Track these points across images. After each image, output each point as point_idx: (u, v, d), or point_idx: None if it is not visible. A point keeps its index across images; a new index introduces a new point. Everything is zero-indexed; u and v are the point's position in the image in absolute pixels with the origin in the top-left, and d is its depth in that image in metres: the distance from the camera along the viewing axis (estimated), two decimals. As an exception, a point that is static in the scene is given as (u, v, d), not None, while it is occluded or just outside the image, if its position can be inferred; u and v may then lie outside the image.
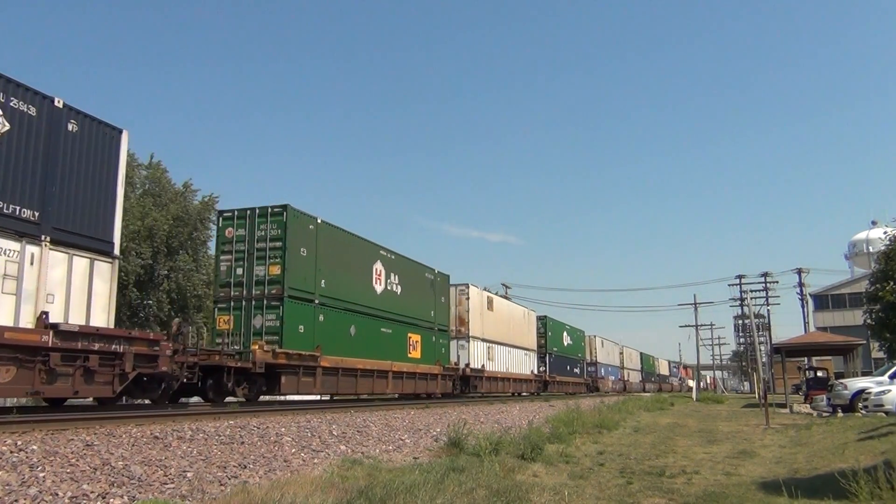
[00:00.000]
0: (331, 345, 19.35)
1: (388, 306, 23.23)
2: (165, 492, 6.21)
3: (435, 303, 27.63)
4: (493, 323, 33.49)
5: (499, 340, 34.18)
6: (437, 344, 27.35)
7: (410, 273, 25.43)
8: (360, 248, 22.07)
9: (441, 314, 28.21)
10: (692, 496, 7.73)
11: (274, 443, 9.56)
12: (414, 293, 25.54)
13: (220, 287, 18.56)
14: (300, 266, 18.45)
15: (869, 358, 48.80)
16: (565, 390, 46.57)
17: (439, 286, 28.42)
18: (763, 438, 15.15)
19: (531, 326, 41.40)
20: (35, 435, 8.24)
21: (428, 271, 27.38)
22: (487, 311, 33.03)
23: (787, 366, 35.22)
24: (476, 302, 31.57)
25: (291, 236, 18.12)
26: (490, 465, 8.67)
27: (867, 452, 10.33)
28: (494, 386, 33.16)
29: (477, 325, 31.22)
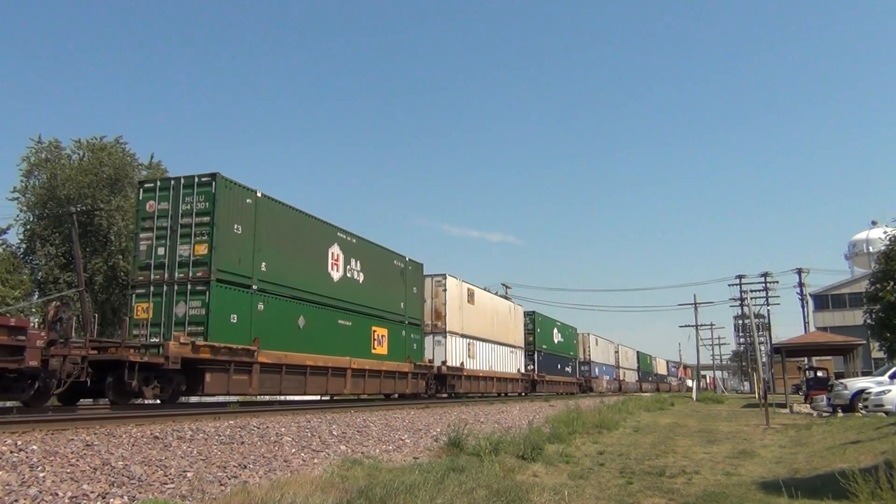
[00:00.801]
0: (273, 338, 17.04)
1: (347, 295, 20.75)
2: (165, 492, 6.21)
3: (406, 294, 25.05)
4: (474, 317, 31.17)
5: (481, 336, 31.91)
6: (408, 339, 24.92)
7: (375, 259, 22.98)
8: (313, 228, 19.49)
9: (413, 306, 25.68)
10: (692, 496, 7.73)
11: (274, 443, 9.56)
12: (380, 282, 23.03)
13: (138, 270, 16.18)
14: (233, 246, 16.06)
15: (869, 358, 48.82)
16: (555, 390, 44.51)
17: (411, 275, 25.80)
18: (763, 438, 15.15)
19: (518, 322, 38.94)
20: (35, 435, 8.24)
21: (397, 258, 24.83)
22: (468, 305, 30.56)
23: (787, 366, 35.22)
24: (454, 294, 29.14)
25: (222, 210, 15.78)
26: (490, 465, 8.67)
27: (867, 452, 10.33)
28: (475, 386, 30.96)
29: (455, 320, 28.82)
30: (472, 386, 30.62)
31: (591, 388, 53.36)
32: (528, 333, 40.85)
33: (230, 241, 16.03)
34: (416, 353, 25.46)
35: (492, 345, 33.45)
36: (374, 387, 22.24)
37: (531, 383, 39.94)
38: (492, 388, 33.20)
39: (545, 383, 42.13)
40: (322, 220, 19.99)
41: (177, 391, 15.39)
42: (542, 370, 41.82)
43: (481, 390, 31.92)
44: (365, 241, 22.54)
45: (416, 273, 26.57)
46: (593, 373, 55.46)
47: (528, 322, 41.41)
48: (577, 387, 50.52)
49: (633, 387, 70.90)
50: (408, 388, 24.56)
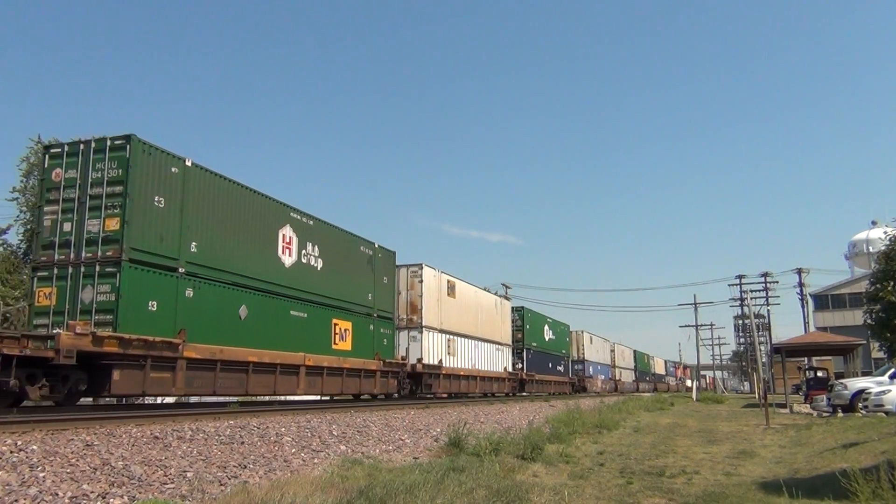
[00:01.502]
0: (206, 330, 14.87)
1: (302, 283, 18.59)
2: (165, 492, 6.21)
3: (374, 284, 22.82)
4: (455, 311, 28.86)
5: (462, 332, 29.60)
6: (377, 334, 22.69)
7: (337, 244, 20.79)
8: (260, 206, 17.31)
9: (383, 298, 23.48)
10: (692, 496, 7.72)
11: (274, 443, 9.55)
12: (343, 270, 20.82)
13: (41, 249, 13.98)
14: (153, 221, 13.82)
15: (869, 358, 48.81)
16: (546, 390, 42.29)
17: (381, 264, 23.55)
18: (763, 438, 15.14)
19: (505, 318, 36.69)
20: (35, 435, 8.23)
21: (364, 244, 22.60)
22: (448, 298, 28.26)
23: (787, 366, 35.21)
24: (432, 286, 26.88)
25: (139, 179, 13.62)
26: (490, 465, 8.67)
27: (867, 453, 10.32)
28: (455, 385, 28.51)
29: (433, 314, 26.55)
30: (452, 386, 28.25)
31: (585, 388, 51.27)
32: (517, 330, 38.67)
33: (149, 216, 13.77)
34: (386, 349, 23.17)
35: (475, 341, 31.30)
36: (334, 386, 19.80)
37: (519, 383, 37.73)
38: (474, 387, 30.87)
39: (535, 383, 39.93)
40: (271, 197, 17.74)
41: (75, 391, 12.95)
42: (532, 369, 39.59)
43: (462, 390, 29.55)
44: (325, 224, 20.21)
45: (388, 262, 24.27)
46: (587, 372, 53.39)
47: (517, 318, 39.16)
48: (569, 386, 48.37)
49: (629, 387, 68.98)
50: (376, 387, 22.21)
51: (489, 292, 35.82)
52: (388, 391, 23.31)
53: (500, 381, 34.47)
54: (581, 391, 49.50)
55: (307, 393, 18.79)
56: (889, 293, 26.32)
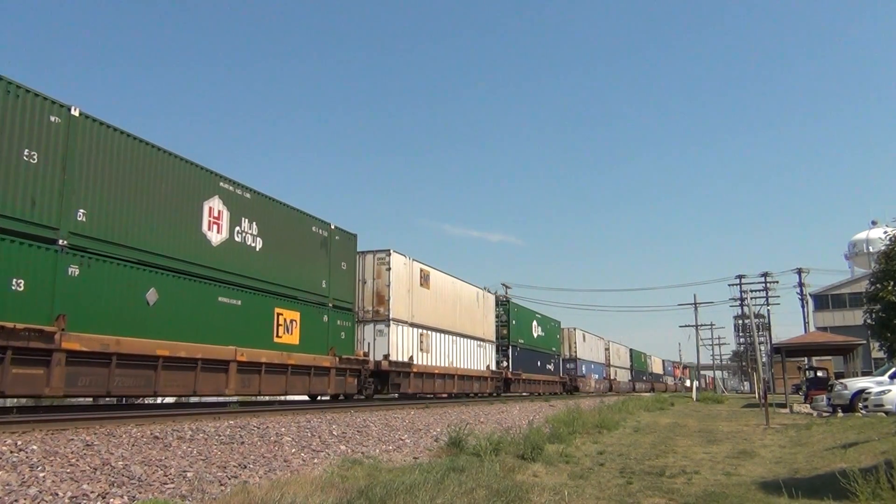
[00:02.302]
0: (97, 316, 12.42)
1: (234, 265, 16.12)
2: (165, 492, 6.21)
3: (330, 269, 20.22)
4: (429, 303, 26.36)
5: (437, 327, 26.99)
6: (333, 326, 20.03)
7: (282, 223, 18.29)
8: (178, 173, 14.69)
9: (341, 286, 20.87)
10: (692, 496, 7.72)
11: (274, 443, 9.55)
12: (289, 252, 18.37)
13: None
14: (20, 179, 11.32)
15: (869, 358, 48.80)
16: (534, 390, 40.05)
17: (339, 248, 20.97)
18: (763, 438, 15.14)
19: (488, 312, 34.19)
20: (35, 435, 8.23)
21: (318, 225, 19.94)
22: (420, 289, 25.73)
23: (787, 366, 35.23)
24: (402, 274, 24.32)
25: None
26: (490, 465, 8.66)
27: (867, 452, 10.33)
28: (428, 385, 25.94)
29: (403, 305, 24.07)
30: (426, 385, 25.66)
31: (577, 388, 48.91)
32: (502, 326, 36.07)
33: (14, 173, 11.24)
34: (343, 343, 20.47)
35: (453, 337, 28.65)
36: (275, 386, 17.15)
37: (504, 382, 35.32)
38: (451, 387, 28.22)
39: (521, 382, 37.50)
40: (194, 163, 15.24)
41: None
42: (518, 367, 37.01)
43: (437, 390, 27.04)
44: (266, 199, 17.71)
45: (347, 245, 21.64)
46: (580, 371, 50.91)
47: (502, 313, 36.51)
48: (560, 386, 45.98)
49: (625, 386, 66.93)
50: (330, 387, 19.47)
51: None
52: (347, 391, 20.58)
53: (481, 381, 31.88)
54: (573, 391, 47.66)
55: (239, 393, 16.06)
56: (889, 293, 26.28)
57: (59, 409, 14.81)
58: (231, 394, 15.89)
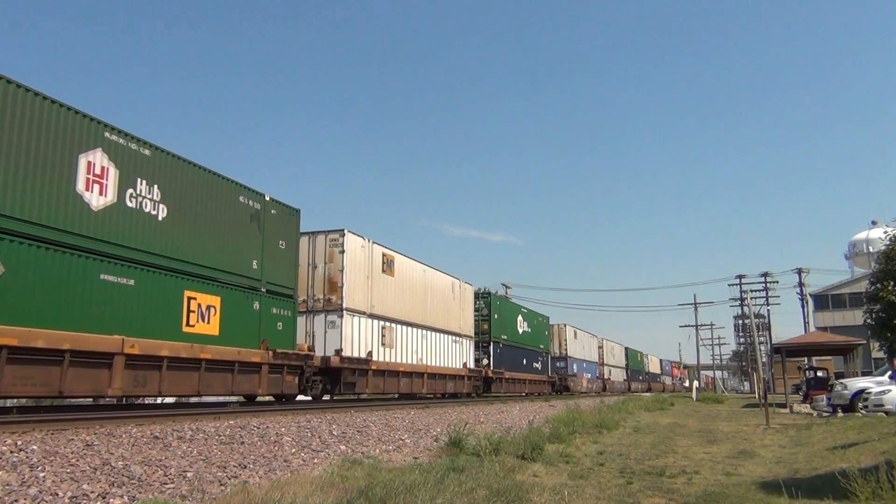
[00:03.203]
0: None
1: (124, 236, 13.33)
2: (165, 492, 6.21)
3: (263, 248, 17.31)
4: (393, 293, 23.72)
5: (404, 319, 24.35)
6: (266, 315, 17.15)
7: (197, 189, 15.32)
8: (41, 117, 11.87)
9: (278, 268, 17.84)
10: (692, 496, 7.72)
11: (274, 443, 9.55)
12: (206, 225, 15.46)
13: None
14: None
15: (869, 358, 48.80)
16: (519, 390, 37.44)
17: (275, 224, 17.93)
18: (763, 438, 15.14)
19: (467, 305, 31.46)
20: (35, 435, 8.24)
21: (247, 194, 17.04)
22: (383, 276, 23.08)
23: (787, 366, 35.22)
24: (358, 258, 21.53)
25: None
26: (490, 465, 8.66)
27: (867, 452, 10.33)
28: (391, 384, 23.18)
29: (360, 294, 21.35)
30: (388, 384, 22.95)
31: (568, 388, 46.25)
32: (483, 320, 33.48)
33: None
34: (280, 335, 17.65)
35: (423, 331, 25.90)
36: (183, 385, 14.30)
37: (484, 381, 32.56)
38: (420, 387, 25.33)
39: (504, 381, 34.75)
40: (69, 106, 12.48)
41: None
42: (501, 365, 34.36)
43: (403, 390, 24.30)
44: (174, 158, 14.71)
45: (286, 222, 18.62)
46: (571, 370, 48.08)
47: (483, 306, 33.77)
48: (548, 386, 43.09)
49: (620, 386, 64.21)
50: (261, 386, 16.58)
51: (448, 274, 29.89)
52: (286, 391, 17.81)
53: (457, 380, 28.96)
54: (563, 391, 45.26)
55: (130, 393, 13.11)
56: (889, 293, 26.30)
57: (59, 409, 14.82)
58: (116, 394, 12.84)
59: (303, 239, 20.18)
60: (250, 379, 16.31)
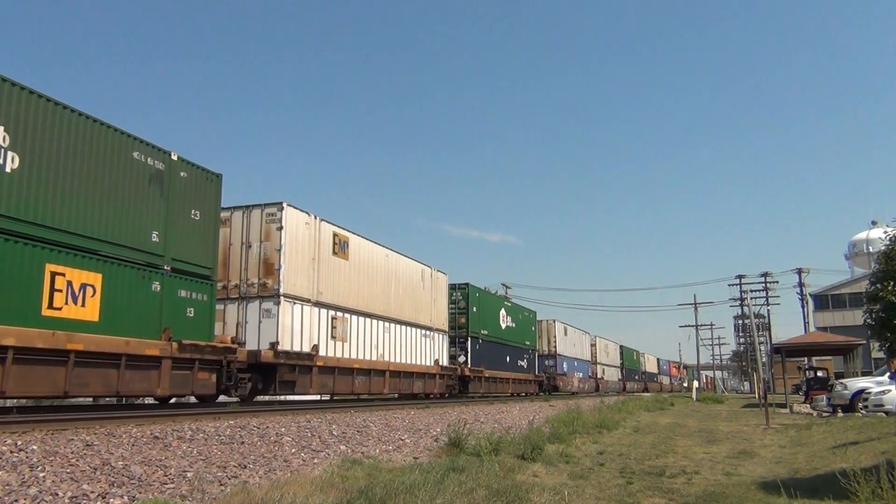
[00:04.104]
0: None
1: None
2: (165, 492, 6.21)
3: (168, 217, 14.33)
4: (347, 278, 20.90)
5: (360, 309, 21.53)
6: (172, 299, 14.21)
7: (69, 137, 12.41)
8: None
9: (189, 243, 14.86)
10: (692, 496, 7.72)
11: (274, 443, 9.55)
12: (82, 182, 12.56)
13: None
14: None
15: (869, 358, 48.82)
16: (501, 390, 34.48)
17: (185, 189, 14.89)
18: (763, 438, 15.14)
19: (440, 296, 28.52)
20: (35, 435, 8.24)
21: (145, 151, 13.93)
22: (334, 258, 20.26)
23: (787, 366, 35.24)
24: (301, 237, 18.68)
25: None
26: (490, 465, 8.66)
27: (867, 452, 10.34)
28: (343, 383, 20.21)
29: (303, 278, 18.57)
30: (339, 384, 20.06)
31: (557, 388, 43.79)
32: (460, 313, 30.70)
33: None
34: (191, 324, 14.65)
35: (385, 323, 23.15)
36: (43, 383, 11.26)
37: (460, 380, 29.56)
38: (380, 386, 22.50)
39: (483, 381, 31.78)
40: None
41: None
42: (481, 363, 31.49)
43: (359, 390, 21.39)
44: (30, 94, 11.71)
45: (201, 188, 15.45)
46: (560, 368, 45.37)
47: (459, 298, 30.98)
48: (535, 385, 40.44)
49: (614, 386, 61.61)
50: (161, 384, 13.52)
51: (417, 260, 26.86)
52: (198, 390, 14.92)
53: (427, 379, 25.95)
54: (552, 391, 42.80)
55: None
56: (889, 293, 26.31)
57: (59, 409, 14.82)
58: None
59: (236, 214, 18.25)
60: (145, 376, 13.25)
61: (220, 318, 17.20)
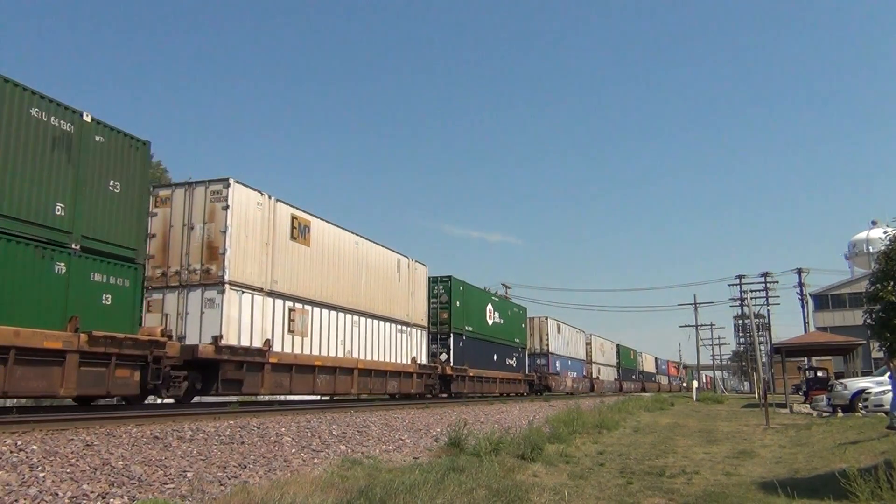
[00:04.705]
0: None
1: None
2: (165, 492, 6.21)
3: (77, 188, 12.16)
4: (308, 267, 18.80)
5: (324, 301, 19.41)
6: (82, 283, 12.08)
7: None
8: None
9: (107, 219, 12.75)
10: (692, 496, 7.73)
11: (274, 443, 9.56)
12: None
13: None
14: None
15: (869, 358, 48.83)
16: (487, 390, 32.54)
17: (102, 155, 12.79)
18: (763, 438, 15.15)
19: (417, 288, 26.27)
20: (35, 435, 8.24)
21: (46, 108, 11.71)
22: (292, 244, 18.23)
23: (787, 366, 35.23)
24: (251, 219, 16.62)
25: None
26: (490, 465, 8.67)
27: (867, 452, 10.34)
28: (302, 383, 18.04)
29: (253, 264, 16.55)
30: (296, 384, 17.80)
31: (549, 388, 41.96)
32: (442, 308, 28.57)
33: None
34: (108, 312, 12.57)
35: (354, 316, 21.06)
36: None
37: (441, 380, 27.45)
38: (347, 386, 20.22)
39: (467, 380, 29.65)
40: None
41: None
42: (464, 361, 29.31)
43: (321, 390, 19.26)
44: None
45: (124, 156, 13.36)
46: (553, 368, 43.54)
47: (442, 291, 28.83)
48: (525, 385, 38.62)
49: (610, 386, 59.96)
50: (65, 384, 11.44)
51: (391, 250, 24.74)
52: (114, 390, 12.84)
53: (403, 378, 23.88)
54: (544, 391, 41.09)
55: None
56: (889, 293, 26.30)
57: (59, 409, 14.82)
58: None
59: (178, 192, 16.37)
60: (44, 373, 11.19)
61: (159, 309, 15.88)
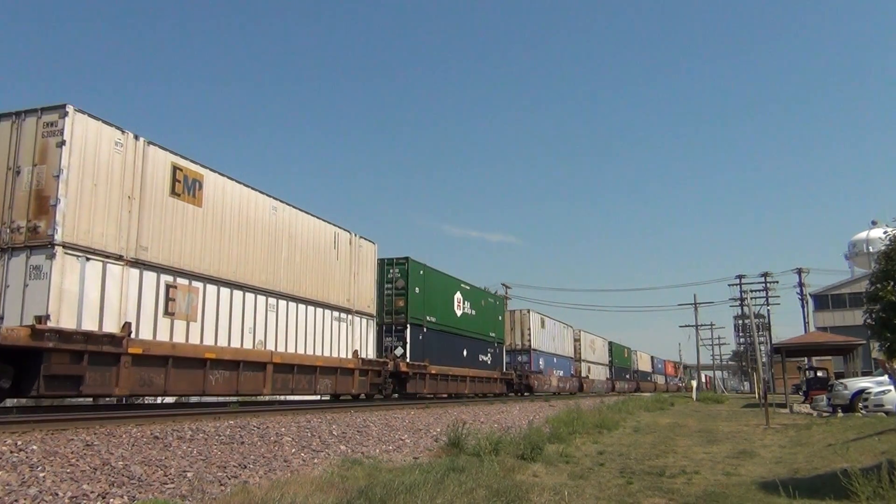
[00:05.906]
0: None
1: None
2: (165, 492, 6.21)
3: None
4: (199, 233, 14.94)
5: (224, 277, 15.53)
6: None
7: None
8: None
9: None
10: (692, 496, 7.72)
11: (274, 443, 9.55)
12: None
13: None
14: None
15: (869, 358, 48.81)
16: (455, 390, 28.28)
17: None
18: (763, 438, 15.15)
19: (363, 269, 22.03)
20: (35, 435, 8.23)
21: None
22: (174, 201, 14.36)
23: (787, 366, 35.25)
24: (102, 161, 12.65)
25: None
26: (490, 465, 8.67)
27: (868, 452, 10.34)
28: (186, 380, 14.08)
29: (107, 223, 12.66)
30: (176, 381, 13.78)
31: (531, 388, 38.36)
32: (398, 295, 24.59)
33: None
34: None
35: (270, 298, 17.15)
36: None
37: (395, 377, 23.36)
38: (258, 384, 16.21)
39: (429, 378, 25.53)
40: None
41: None
42: (426, 357, 25.37)
43: (216, 390, 15.11)
44: None
45: None
46: (535, 365, 39.85)
47: (398, 276, 24.70)
48: (502, 384, 34.70)
49: (601, 386, 56.47)
50: None
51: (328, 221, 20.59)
52: None
53: (340, 375, 19.87)
54: (525, 391, 37.98)
55: None
56: (889, 293, 26.21)
57: (59, 409, 14.81)
58: None
59: (3, 125, 12.32)
60: None
61: None
